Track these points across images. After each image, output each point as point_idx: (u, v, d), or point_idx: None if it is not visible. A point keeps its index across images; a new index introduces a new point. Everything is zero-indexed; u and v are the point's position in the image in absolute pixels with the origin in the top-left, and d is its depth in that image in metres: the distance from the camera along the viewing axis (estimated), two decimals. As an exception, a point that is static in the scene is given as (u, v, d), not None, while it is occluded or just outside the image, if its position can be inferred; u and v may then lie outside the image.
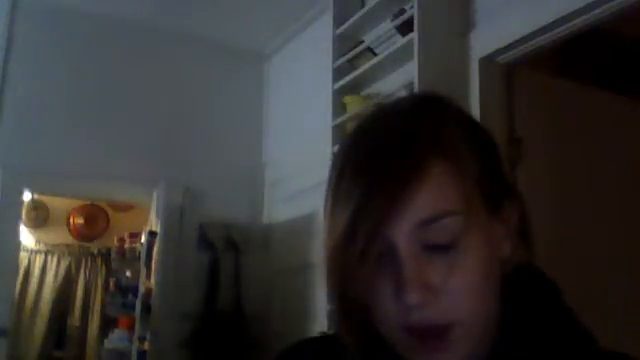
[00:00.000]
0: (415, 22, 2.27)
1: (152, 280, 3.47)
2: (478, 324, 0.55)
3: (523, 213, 0.61)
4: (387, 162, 0.53)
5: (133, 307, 3.73)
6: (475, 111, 2.22)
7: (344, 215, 0.53)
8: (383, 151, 0.54)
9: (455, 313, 0.53)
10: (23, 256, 5.09)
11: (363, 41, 2.72)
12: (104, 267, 5.63)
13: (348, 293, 0.55)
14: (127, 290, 4.11)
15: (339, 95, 2.72)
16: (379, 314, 0.55)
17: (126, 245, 4.89)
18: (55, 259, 5.55)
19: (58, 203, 5.51)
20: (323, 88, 2.83)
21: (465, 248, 0.53)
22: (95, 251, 5.71)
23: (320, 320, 2.84)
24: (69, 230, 5.74)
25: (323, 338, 0.66)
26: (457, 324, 0.53)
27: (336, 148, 0.63)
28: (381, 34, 2.61)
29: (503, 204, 0.58)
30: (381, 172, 0.53)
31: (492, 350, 0.57)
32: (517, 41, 2.12)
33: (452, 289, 0.52)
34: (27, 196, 4.25)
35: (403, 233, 0.53)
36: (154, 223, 3.57)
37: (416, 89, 2.21)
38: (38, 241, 5.53)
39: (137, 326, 3.51)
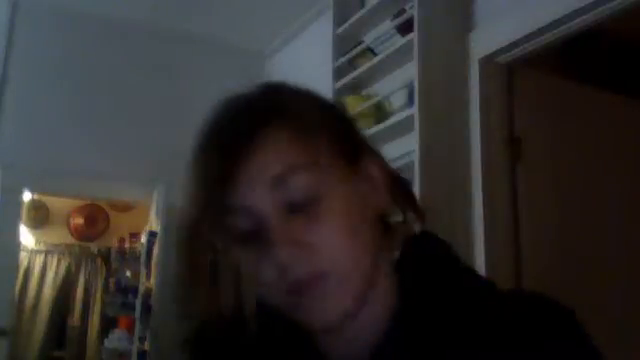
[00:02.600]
0: (415, 22, 2.27)
1: (152, 280, 3.47)
2: (355, 275, 0.56)
3: (389, 171, 0.63)
4: (226, 133, 0.56)
5: (133, 307, 3.73)
6: (475, 111, 2.22)
7: (195, 192, 0.56)
8: (220, 124, 0.58)
9: (327, 263, 0.54)
10: (23, 256, 5.08)
11: (363, 41, 2.72)
12: (104, 267, 5.62)
13: (221, 273, 0.56)
14: (127, 290, 4.10)
15: (339, 95, 2.72)
16: (264, 289, 0.56)
17: (126, 245, 4.89)
18: (55, 259, 5.54)
19: (58, 203, 5.50)
20: (323, 88, 2.82)
21: (328, 200, 0.55)
22: (95, 251, 5.70)
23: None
24: (69, 230, 5.74)
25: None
26: (331, 273, 0.54)
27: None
28: (381, 34, 2.61)
29: (361, 161, 0.60)
30: (221, 143, 0.56)
31: (394, 318, 0.58)
32: (517, 41, 2.12)
33: (321, 240, 0.54)
34: (27, 196, 4.24)
35: (258, 196, 0.54)
36: (154, 223, 3.57)
37: (416, 89, 2.21)
38: (38, 241, 5.52)
39: (137, 326, 3.52)
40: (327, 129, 0.59)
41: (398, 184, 0.63)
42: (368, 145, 0.63)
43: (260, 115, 0.57)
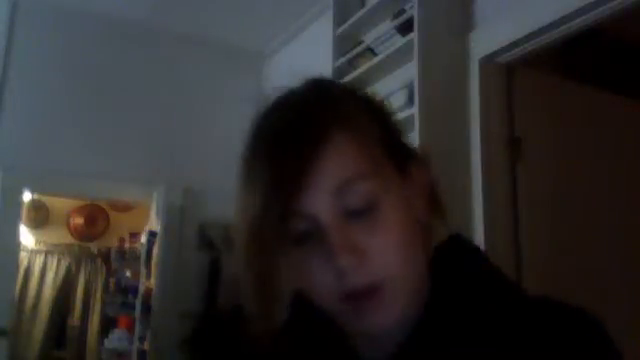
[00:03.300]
0: (415, 22, 2.27)
1: (152, 280, 3.47)
2: (409, 280, 0.57)
3: (431, 178, 0.63)
4: (289, 139, 0.55)
5: (133, 307, 3.73)
6: (475, 111, 2.22)
7: (257, 197, 0.55)
8: (284, 129, 0.57)
9: (385, 270, 0.55)
10: (23, 256, 5.09)
11: (363, 41, 2.72)
12: (104, 267, 5.62)
13: (271, 276, 0.56)
14: (127, 290, 4.11)
15: (339, 95, 2.71)
16: (315, 292, 0.56)
17: (126, 245, 4.89)
18: (55, 259, 5.54)
19: (58, 203, 5.51)
20: (323, 88, 2.82)
21: (383, 209, 0.55)
22: (95, 251, 5.71)
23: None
24: (69, 230, 5.74)
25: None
26: (389, 281, 0.55)
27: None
28: (381, 34, 2.61)
29: (409, 166, 0.61)
30: (285, 149, 0.55)
31: (425, 312, 0.59)
32: (517, 41, 2.12)
33: (378, 248, 0.54)
34: (27, 196, 4.24)
35: (321, 203, 0.54)
36: (154, 223, 3.57)
37: (416, 89, 2.21)
38: (38, 241, 5.53)
39: (137, 326, 3.52)
40: (383, 135, 0.59)
41: (435, 191, 0.64)
42: (414, 149, 0.64)
43: (321, 120, 0.56)
